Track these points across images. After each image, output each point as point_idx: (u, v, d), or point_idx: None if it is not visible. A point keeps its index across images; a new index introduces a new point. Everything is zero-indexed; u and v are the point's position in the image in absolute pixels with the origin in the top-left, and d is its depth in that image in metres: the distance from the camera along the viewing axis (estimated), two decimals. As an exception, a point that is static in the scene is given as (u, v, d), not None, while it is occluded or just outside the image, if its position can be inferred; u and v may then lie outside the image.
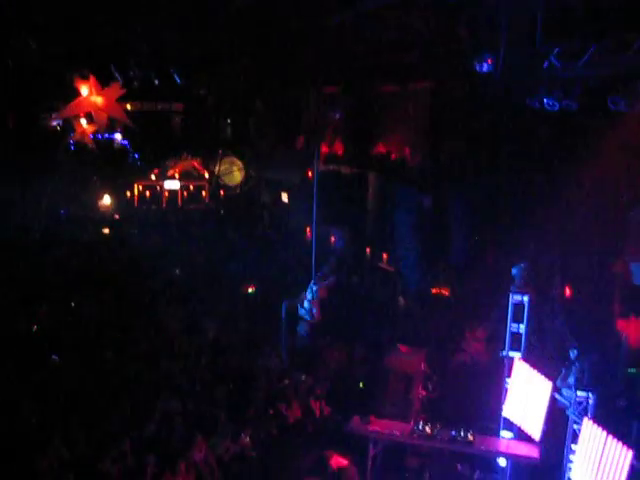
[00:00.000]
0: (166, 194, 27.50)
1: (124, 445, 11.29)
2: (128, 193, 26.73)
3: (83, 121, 18.66)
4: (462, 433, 11.43)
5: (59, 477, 10.30)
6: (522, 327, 11.93)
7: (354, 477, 9.76)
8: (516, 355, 11.98)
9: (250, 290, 20.03)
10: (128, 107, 19.64)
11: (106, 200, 25.47)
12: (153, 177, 27.28)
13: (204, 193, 27.95)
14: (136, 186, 26.87)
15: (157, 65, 15.05)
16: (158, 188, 27.38)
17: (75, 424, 11.84)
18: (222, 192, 27.34)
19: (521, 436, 11.59)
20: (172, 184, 27.49)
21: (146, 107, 22.57)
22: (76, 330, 16.10)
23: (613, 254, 13.87)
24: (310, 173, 23.31)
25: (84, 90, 15.34)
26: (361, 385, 14.97)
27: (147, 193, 27.19)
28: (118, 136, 25.33)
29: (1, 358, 13.82)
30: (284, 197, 26.42)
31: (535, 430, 10.98)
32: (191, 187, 27.87)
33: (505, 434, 12.08)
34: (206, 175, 27.62)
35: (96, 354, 14.82)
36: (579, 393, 10.57)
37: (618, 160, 13.35)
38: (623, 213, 13.97)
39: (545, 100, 12.08)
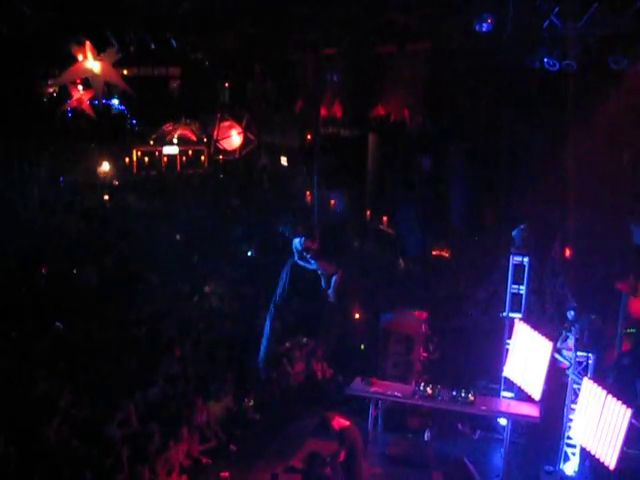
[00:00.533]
0: (165, 159, 27.44)
1: (128, 410, 11.42)
2: (127, 159, 26.65)
3: (80, 87, 18.50)
4: (463, 393, 11.49)
5: (65, 442, 10.42)
6: (522, 288, 11.97)
7: (356, 438, 9.86)
8: (516, 316, 12.04)
9: (249, 253, 20.06)
10: (125, 72, 19.46)
11: (105, 166, 25.42)
12: (151, 143, 27.18)
13: (203, 158, 27.88)
14: (135, 152, 26.79)
15: (153, 29, 14.86)
16: (157, 154, 27.30)
17: (79, 390, 11.97)
18: (221, 157, 27.24)
19: (521, 396, 11.69)
20: (171, 149, 27.41)
21: (143, 72, 22.37)
22: (78, 296, 16.20)
23: (614, 215, 13.87)
24: (309, 136, 23.23)
25: (80, 56, 15.15)
26: (362, 347, 15.07)
27: (146, 159, 27.12)
28: (115, 102, 25.20)
29: (5, 325, 13.93)
30: (283, 161, 26.35)
31: (535, 390, 11.08)
32: (190, 152, 27.80)
33: (506, 394, 12.20)
34: (204, 140, 27.51)
35: (98, 320, 14.91)
36: (579, 353, 10.64)
37: (619, 120, 13.27)
38: (624, 173, 13.94)
39: (545, 60, 11.96)
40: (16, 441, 10.12)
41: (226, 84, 24.66)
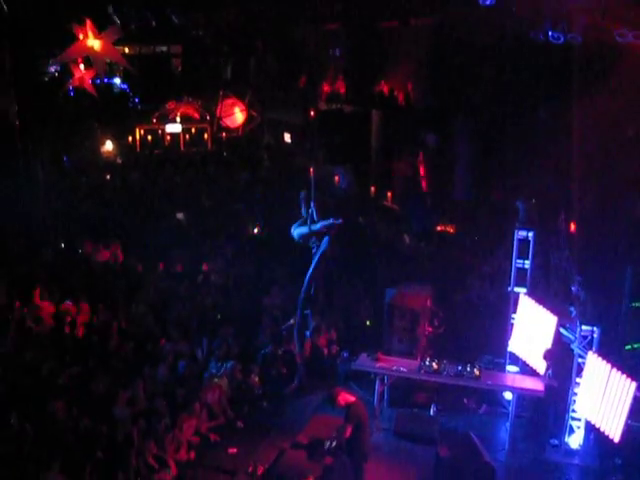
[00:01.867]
0: (168, 138, 27.36)
1: (137, 388, 11.51)
2: (130, 138, 26.57)
3: (81, 66, 18.45)
4: (468, 368, 11.54)
5: (74, 420, 10.52)
6: (527, 263, 11.97)
7: (362, 413, 9.92)
8: (521, 290, 12.05)
9: (255, 231, 20.06)
10: (126, 51, 19.39)
11: (108, 146, 25.37)
12: (154, 121, 27.10)
13: (206, 136, 27.79)
14: (137, 130, 26.70)
15: (154, 6, 14.78)
16: (160, 132, 27.21)
17: (88, 368, 12.08)
18: (224, 134, 27.18)
19: (526, 370, 11.74)
20: (173, 127, 27.31)
21: (144, 50, 22.25)
22: (84, 276, 16.27)
23: (618, 188, 13.82)
24: (312, 112, 23.13)
25: (80, 35, 15.09)
26: (368, 323, 15.12)
27: (149, 137, 27.04)
28: (117, 81, 25.08)
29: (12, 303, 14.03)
30: (287, 137, 26.26)
31: (540, 364, 11.13)
32: (193, 130, 27.69)
33: (511, 368, 12.25)
34: (207, 117, 27.42)
35: (105, 300, 14.98)
36: (584, 327, 10.65)
37: (623, 94, 13.16)
38: (628, 147, 13.85)
39: (550, 33, 11.85)
40: (26, 420, 10.23)
41: (228, 60, 24.53)
